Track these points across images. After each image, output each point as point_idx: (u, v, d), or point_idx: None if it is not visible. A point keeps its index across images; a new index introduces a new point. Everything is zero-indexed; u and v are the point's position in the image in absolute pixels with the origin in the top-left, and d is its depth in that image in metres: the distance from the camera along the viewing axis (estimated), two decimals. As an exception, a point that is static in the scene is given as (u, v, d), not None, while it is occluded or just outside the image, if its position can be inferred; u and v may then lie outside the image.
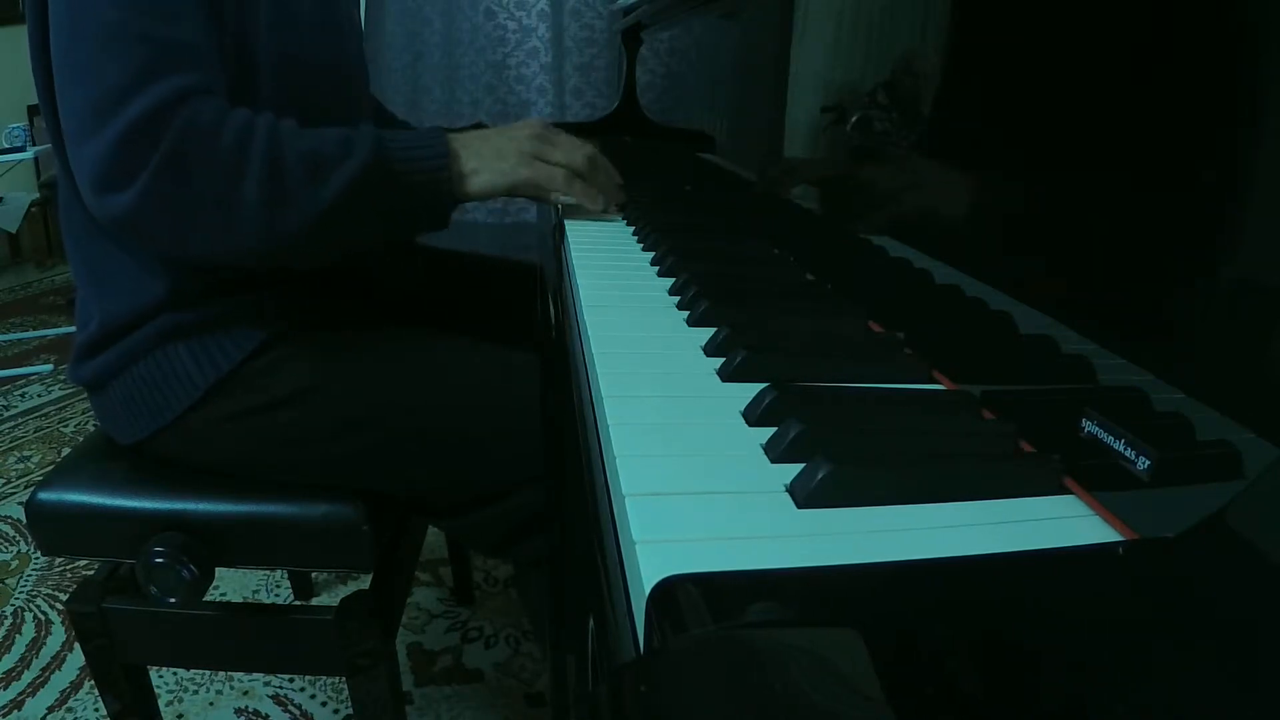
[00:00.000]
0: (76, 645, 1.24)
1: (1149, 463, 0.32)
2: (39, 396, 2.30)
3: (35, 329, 2.94)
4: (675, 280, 0.67)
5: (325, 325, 0.76)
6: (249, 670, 1.19)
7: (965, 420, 0.43)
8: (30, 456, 1.95)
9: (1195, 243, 0.33)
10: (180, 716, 1.15)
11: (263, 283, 0.74)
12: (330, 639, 0.76)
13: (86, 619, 0.76)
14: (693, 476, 0.36)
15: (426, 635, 1.32)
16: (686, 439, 0.40)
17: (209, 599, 0.78)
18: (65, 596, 1.25)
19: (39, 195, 3.60)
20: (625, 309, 0.61)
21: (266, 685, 1.21)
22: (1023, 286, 0.43)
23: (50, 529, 0.76)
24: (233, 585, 1.44)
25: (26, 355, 2.66)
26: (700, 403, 0.45)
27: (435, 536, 1.50)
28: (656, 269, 0.73)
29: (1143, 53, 0.36)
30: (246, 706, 1.17)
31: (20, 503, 1.68)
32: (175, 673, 1.23)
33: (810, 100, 0.76)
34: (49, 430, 2.08)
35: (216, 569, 0.74)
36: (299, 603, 1.40)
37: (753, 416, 0.42)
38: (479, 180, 0.75)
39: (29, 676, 1.23)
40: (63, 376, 2.42)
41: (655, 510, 0.33)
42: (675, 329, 0.57)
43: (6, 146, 3.31)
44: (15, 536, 1.62)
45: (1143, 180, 0.36)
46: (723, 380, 0.47)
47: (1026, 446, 0.40)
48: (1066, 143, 0.41)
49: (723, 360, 0.49)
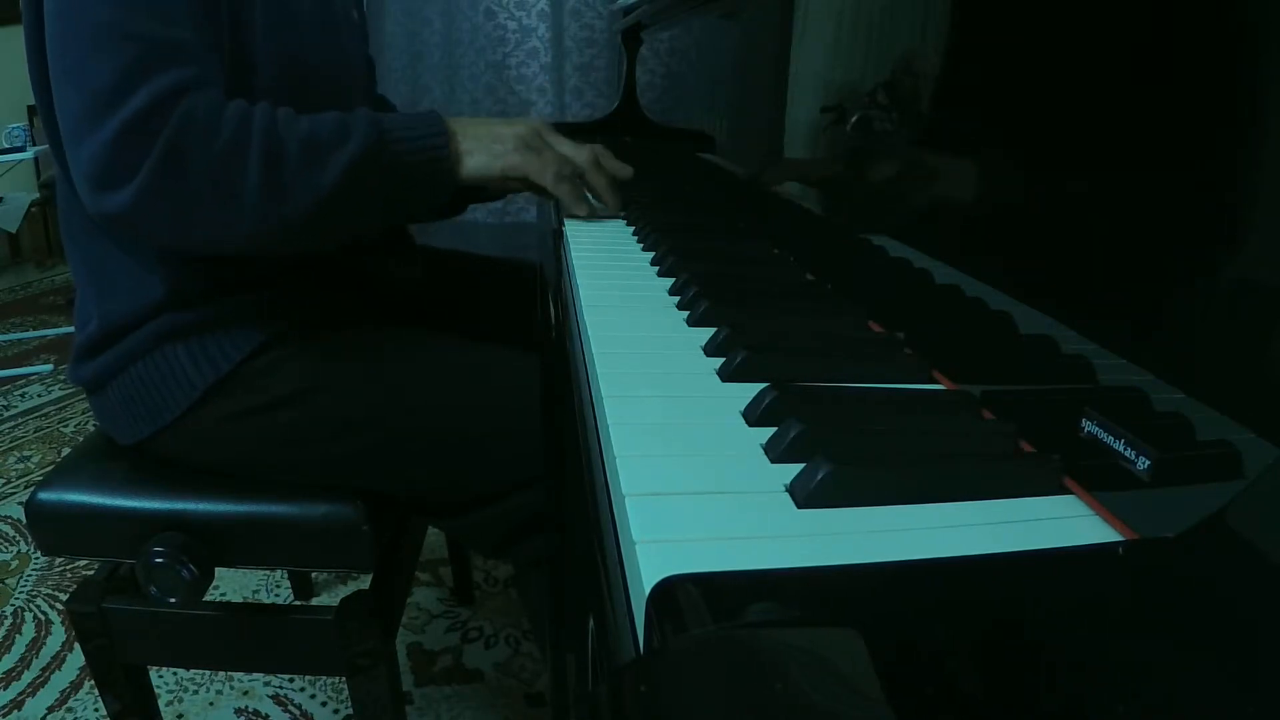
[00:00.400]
0: (76, 645, 1.24)
1: (1149, 463, 0.32)
2: (39, 396, 2.30)
3: (35, 329, 2.94)
4: (675, 280, 0.67)
5: (325, 325, 0.76)
6: (249, 670, 1.19)
7: (965, 420, 0.43)
8: (30, 456, 1.95)
9: (1195, 243, 0.33)
10: (180, 716, 1.15)
11: (262, 283, 0.74)
12: (330, 639, 0.76)
13: (86, 619, 0.76)
14: (693, 476, 0.36)
15: (426, 635, 1.32)
16: (686, 439, 0.40)
17: (209, 599, 0.78)
18: (65, 596, 1.25)
19: (39, 195, 3.60)
20: (625, 309, 0.61)
21: (266, 685, 1.21)
22: (1023, 286, 0.43)
23: (50, 529, 0.76)
24: (233, 585, 1.44)
25: (26, 355, 2.66)
26: (700, 403, 0.45)
27: (435, 536, 1.50)
28: (656, 269, 0.73)
29: (1143, 52, 0.36)
30: (246, 706, 1.17)
31: (20, 503, 1.68)
32: (175, 673, 1.23)
33: (810, 100, 0.76)
34: (49, 430, 2.08)
35: (216, 569, 0.74)
36: (299, 603, 1.40)
37: (753, 416, 0.42)
38: (473, 161, 0.76)
39: (29, 676, 1.23)
40: (63, 376, 2.42)
41: (655, 510, 0.33)
42: (675, 329, 0.57)
43: (6, 146, 3.31)
44: (15, 536, 1.62)
45: (1143, 180, 0.36)
46: (723, 380, 0.47)
47: (1026, 446, 0.40)
48: (1066, 143, 0.41)
49: (723, 360, 0.49)
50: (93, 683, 1.04)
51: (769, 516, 0.33)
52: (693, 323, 0.58)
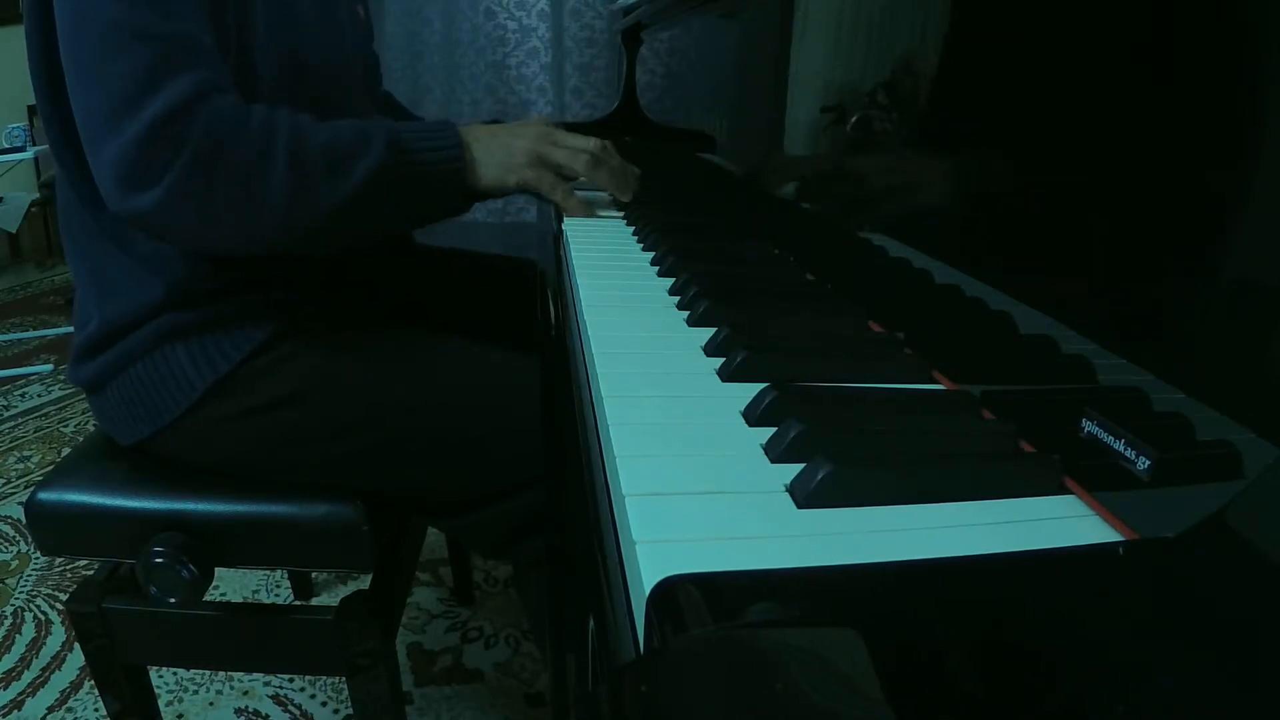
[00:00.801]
0: (76, 645, 1.24)
1: (1149, 463, 0.32)
2: (39, 396, 2.30)
3: (35, 329, 2.94)
4: (675, 280, 0.67)
5: (325, 325, 0.76)
6: (249, 670, 1.19)
7: (965, 420, 0.43)
8: (30, 456, 1.95)
9: (1195, 243, 0.33)
10: (180, 716, 1.15)
11: (262, 283, 0.74)
12: (330, 639, 0.76)
13: (86, 619, 0.76)
14: (693, 476, 0.36)
15: (426, 635, 1.32)
16: (686, 439, 0.40)
17: (209, 599, 0.78)
18: (65, 596, 1.25)
19: (39, 195, 3.60)
20: (625, 309, 0.61)
21: (266, 685, 1.21)
22: (1023, 286, 0.43)
23: (50, 529, 0.75)
24: (233, 585, 1.44)
25: (26, 355, 2.66)
26: (700, 403, 0.45)
27: (435, 536, 1.50)
28: (656, 269, 0.73)
29: (1143, 52, 0.36)
30: (246, 706, 1.17)
31: (20, 503, 1.68)
32: (175, 673, 1.23)
33: (810, 100, 0.76)
34: (49, 430, 2.08)
35: (216, 569, 0.74)
36: (299, 603, 1.40)
37: (753, 416, 0.42)
38: (487, 174, 0.78)
39: (29, 676, 1.23)
40: (62, 376, 2.42)
41: (655, 510, 0.33)
42: (675, 329, 0.57)
43: (6, 146, 3.31)
44: (15, 536, 1.62)
45: (1143, 180, 0.36)
46: (723, 380, 0.47)
47: (1026, 446, 0.40)
48: (1066, 142, 0.41)
49: (723, 360, 0.49)
50: (93, 683, 1.04)
51: (769, 516, 0.33)
52: (693, 323, 0.58)
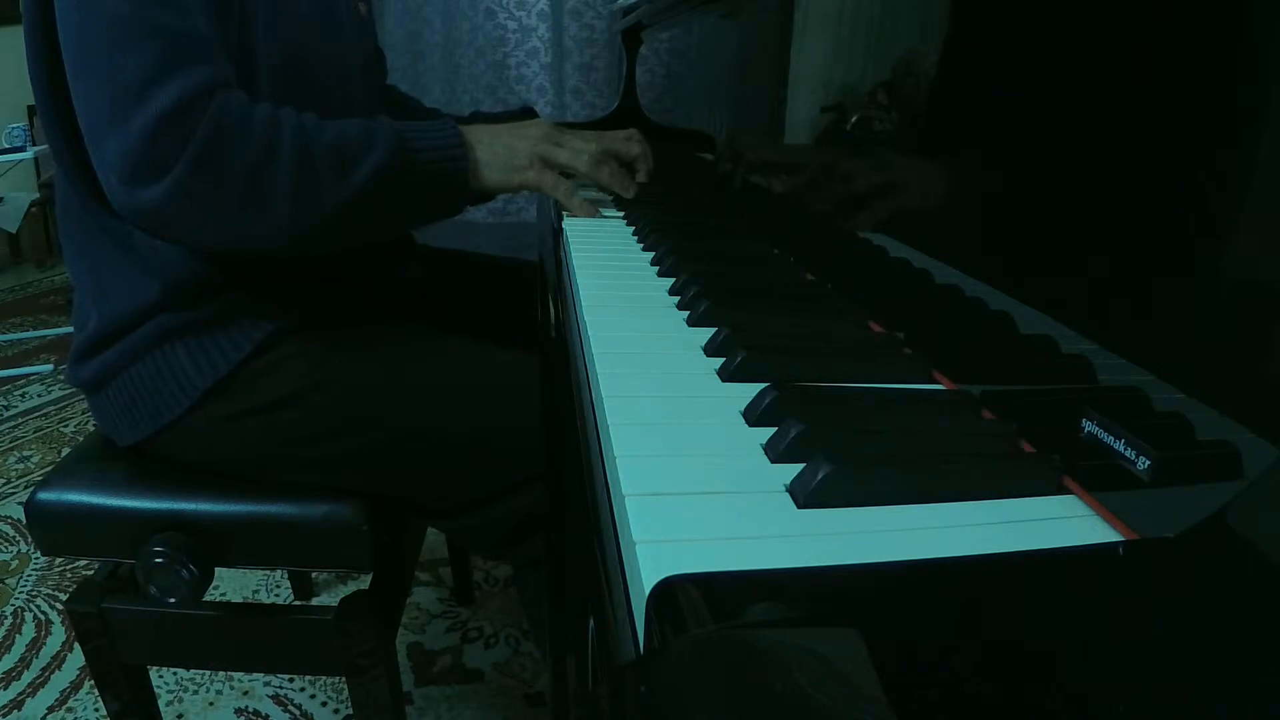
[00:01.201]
0: (76, 645, 1.24)
1: (1149, 463, 0.32)
2: (39, 396, 2.30)
3: (35, 329, 2.94)
4: (675, 280, 0.67)
5: (325, 325, 0.76)
6: (249, 670, 1.19)
7: (965, 420, 0.43)
8: (30, 456, 1.95)
9: (1195, 243, 0.33)
10: (180, 716, 1.15)
11: (262, 283, 0.74)
12: (330, 639, 0.76)
13: (86, 619, 0.76)
14: (693, 476, 0.36)
15: (426, 635, 1.32)
16: (687, 439, 0.40)
17: (209, 599, 0.78)
18: (65, 596, 1.25)
19: (39, 195, 3.60)
20: (625, 309, 0.61)
21: (266, 685, 1.21)
22: (1023, 286, 0.43)
23: (50, 529, 0.76)
24: (233, 585, 1.44)
25: (26, 355, 2.66)
26: (700, 403, 0.45)
27: (435, 536, 1.50)
28: (656, 269, 0.73)
29: (1143, 52, 0.36)
30: (246, 706, 1.17)
31: (20, 503, 1.68)
32: (175, 673, 1.23)
33: (810, 100, 0.76)
34: (49, 430, 2.08)
35: (216, 569, 0.74)
36: (299, 603, 1.40)
37: (753, 416, 0.42)
38: (491, 175, 0.78)
39: (29, 676, 1.23)
40: (62, 376, 2.41)
41: (655, 510, 0.33)
42: (675, 329, 0.57)
43: (6, 146, 3.30)
44: (15, 536, 1.62)
45: (1143, 180, 0.36)
46: (723, 380, 0.47)
47: (1026, 446, 0.40)
48: (1067, 142, 0.41)
49: (723, 360, 0.49)
50: (93, 683, 1.04)
51: (769, 516, 0.33)
52: (693, 323, 0.58)
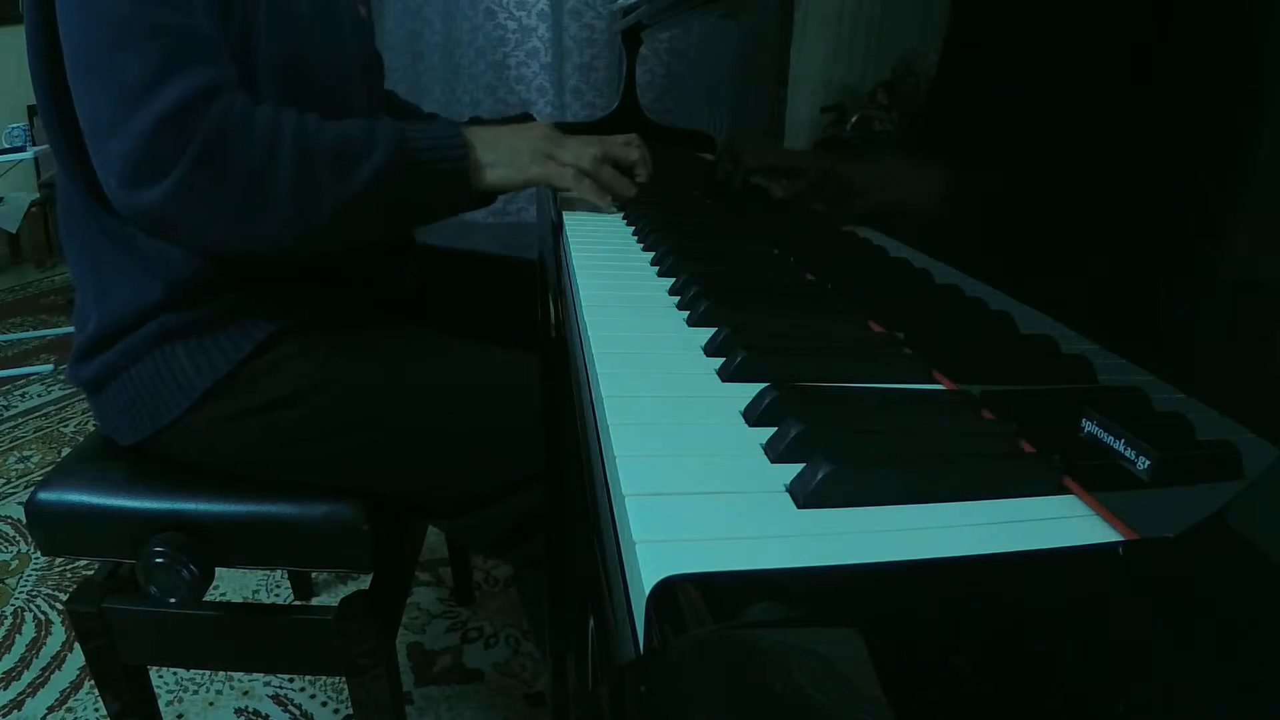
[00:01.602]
0: (76, 645, 1.24)
1: (1149, 463, 0.32)
2: (39, 396, 2.30)
3: (35, 329, 2.94)
4: (675, 280, 0.67)
5: (325, 325, 0.76)
6: (249, 670, 1.19)
7: (965, 420, 0.43)
8: (30, 456, 1.95)
9: (1195, 243, 0.33)
10: (180, 716, 1.15)
11: (262, 283, 0.74)
12: (330, 639, 0.76)
13: (86, 619, 0.76)
14: (693, 476, 0.36)
15: (426, 635, 1.32)
16: (686, 439, 0.40)
17: (209, 599, 0.78)
18: (65, 596, 1.25)
19: (39, 195, 3.60)
20: (625, 309, 0.61)
21: (266, 685, 1.21)
22: (1023, 286, 0.43)
23: (50, 529, 0.75)
24: (233, 585, 1.44)
25: (26, 355, 2.66)
26: (700, 403, 0.45)
27: (435, 536, 1.50)
28: (656, 269, 0.73)
29: (1143, 52, 0.36)
30: (246, 706, 1.17)
31: (20, 503, 1.68)
32: (175, 673, 1.23)
33: (810, 100, 0.76)
34: (49, 430, 2.08)
35: (216, 569, 0.74)
36: (299, 603, 1.40)
37: (753, 416, 0.42)
38: (495, 174, 0.78)
39: (29, 676, 1.23)
40: (62, 376, 2.42)
41: (655, 510, 0.33)
42: (675, 329, 0.57)
43: (6, 146, 3.30)
44: (15, 536, 1.62)
45: (1143, 180, 0.36)
46: (723, 380, 0.47)
47: (1026, 446, 0.40)
48: (1067, 142, 0.41)
49: (723, 360, 0.49)
50: (93, 683, 1.04)
51: (769, 516, 0.33)
52: (693, 323, 0.58)
